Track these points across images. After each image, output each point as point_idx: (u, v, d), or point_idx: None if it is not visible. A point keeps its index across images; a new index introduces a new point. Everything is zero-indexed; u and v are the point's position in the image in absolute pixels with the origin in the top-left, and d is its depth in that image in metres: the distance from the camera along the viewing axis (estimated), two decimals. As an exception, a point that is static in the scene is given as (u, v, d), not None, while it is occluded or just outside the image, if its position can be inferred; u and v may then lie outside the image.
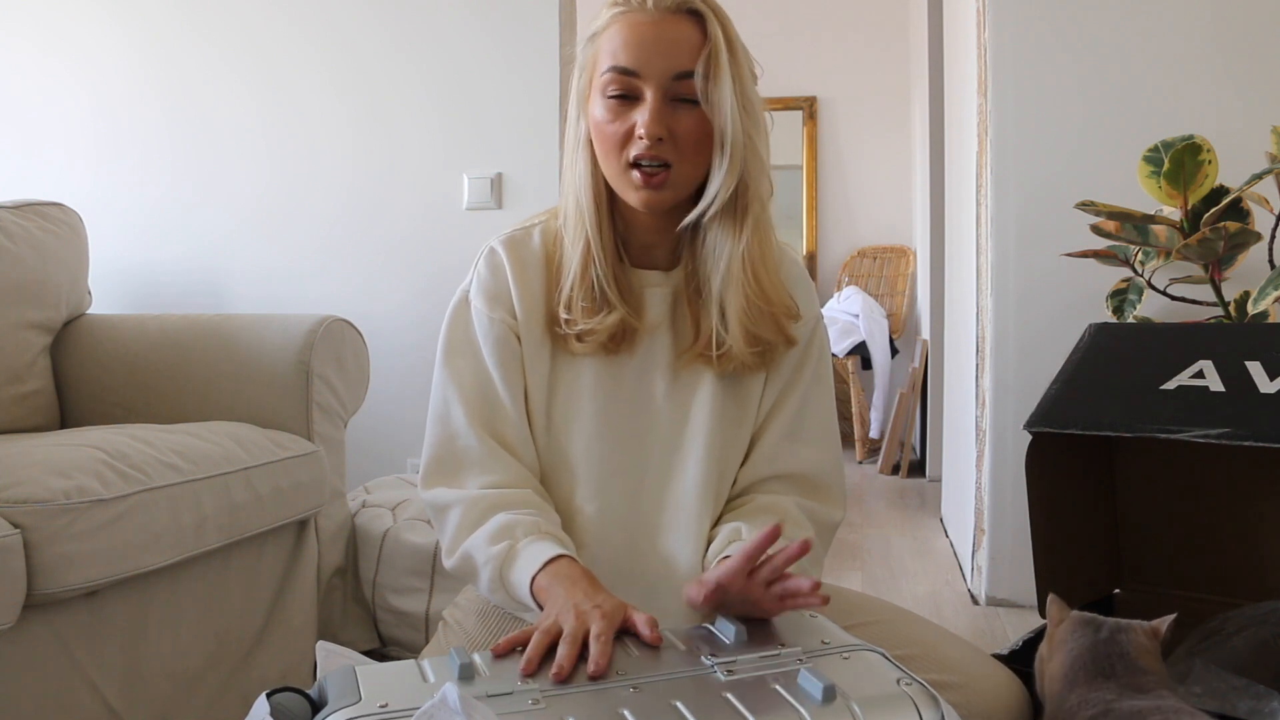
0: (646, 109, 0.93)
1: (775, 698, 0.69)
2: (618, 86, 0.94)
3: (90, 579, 1.21)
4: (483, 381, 1.00)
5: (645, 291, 1.02)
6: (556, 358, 1.02)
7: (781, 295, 1.01)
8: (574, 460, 1.01)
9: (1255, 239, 1.60)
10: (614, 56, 0.94)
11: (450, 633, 1.07)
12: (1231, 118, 1.91)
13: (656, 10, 0.93)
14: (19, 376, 1.72)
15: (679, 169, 0.95)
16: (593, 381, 1.01)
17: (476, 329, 1.01)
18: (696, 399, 1.02)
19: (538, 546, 0.91)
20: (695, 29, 0.94)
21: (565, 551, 0.90)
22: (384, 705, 0.67)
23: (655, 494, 1.02)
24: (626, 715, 0.67)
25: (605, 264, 0.98)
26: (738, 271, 0.97)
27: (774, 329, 1.00)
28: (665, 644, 0.79)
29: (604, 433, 1.01)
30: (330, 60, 2.47)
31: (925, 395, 3.74)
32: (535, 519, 0.94)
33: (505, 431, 1.00)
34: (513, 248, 1.03)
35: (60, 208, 1.89)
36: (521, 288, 1.01)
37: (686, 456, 1.02)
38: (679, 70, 0.93)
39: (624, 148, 0.95)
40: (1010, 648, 1.19)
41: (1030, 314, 2.06)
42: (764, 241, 0.99)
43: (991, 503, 2.10)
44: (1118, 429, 1.15)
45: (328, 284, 2.47)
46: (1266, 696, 1.07)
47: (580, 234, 0.99)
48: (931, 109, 3.49)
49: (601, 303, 0.98)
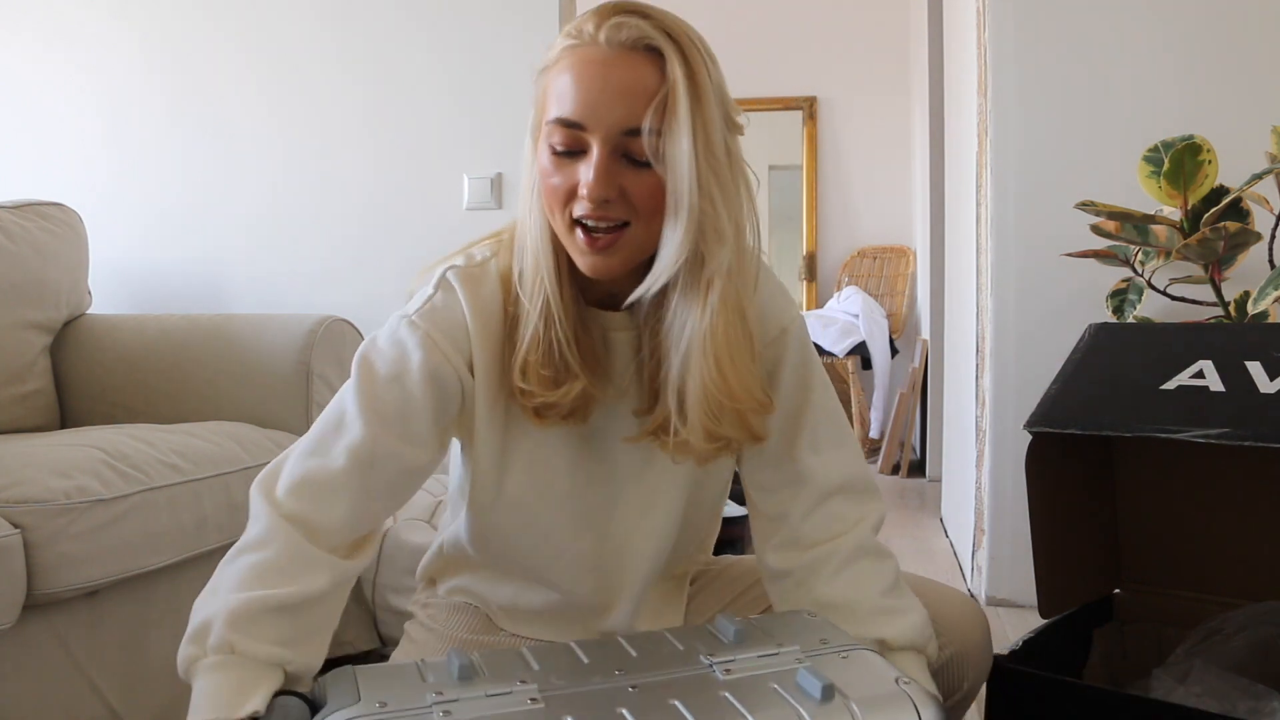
0: (591, 166, 0.79)
1: (774, 697, 0.69)
2: (561, 140, 0.80)
3: (90, 579, 1.21)
4: (405, 412, 0.85)
5: (610, 338, 0.91)
6: (511, 423, 0.91)
7: (750, 388, 0.85)
8: (537, 522, 0.95)
9: (1255, 239, 1.60)
10: (559, 103, 0.80)
11: (418, 632, 1.06)
12: (1231, 118, 1.90)
13: (609, 46, 0.78)
14: (19, 376, 1.72)
15: (636, 230, 0.81)
16: (555, 450, 0.92)
17: (423, 363, 0.85)
18: (664, 464, 0.93)
19: (211, 681, 0.73)
20: (652, 71, 0.78)
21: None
22: (383, 705, 0.67)
23: (616, 548, 0.97)
24: (625, 714, 0.67)
25: (566, 324, 0.85)
26: (698, 357, 0.82)
27: (738, 427, 0.86)
28: (664, 643, 0.79)
29: (568, 497, 0.94)
30: (332, 61, 2.46)
31: (925, 395, 3.74)
32: (252, 616, 0.75)
33: (387, 474, 0.86)
34: (472, 290, 0.88)
35: (60, 208, 1.89)
36: (481, 337, 0.87)
37: (654, 518, 0.96)
38: (628, 126, 0.78)
39: (566, 204, 0.81)
40: (1010, 648, 1.19)
41: (1030, 314, 2.06)
42: (730, 324, 0.82)
43: (991, 503, 2.10)
44: (1118, 429, 1.15)
45: (327, 284, 2.47)
46: (1266, 696, 1.07)
47: (539, 289, 0.85)
48: (931, 109, 3.49)
49: (563, 373, 0.86)
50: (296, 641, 0.77)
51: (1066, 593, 1.31)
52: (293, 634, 0.77)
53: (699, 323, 0.82)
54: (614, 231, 0.81)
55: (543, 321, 0.85)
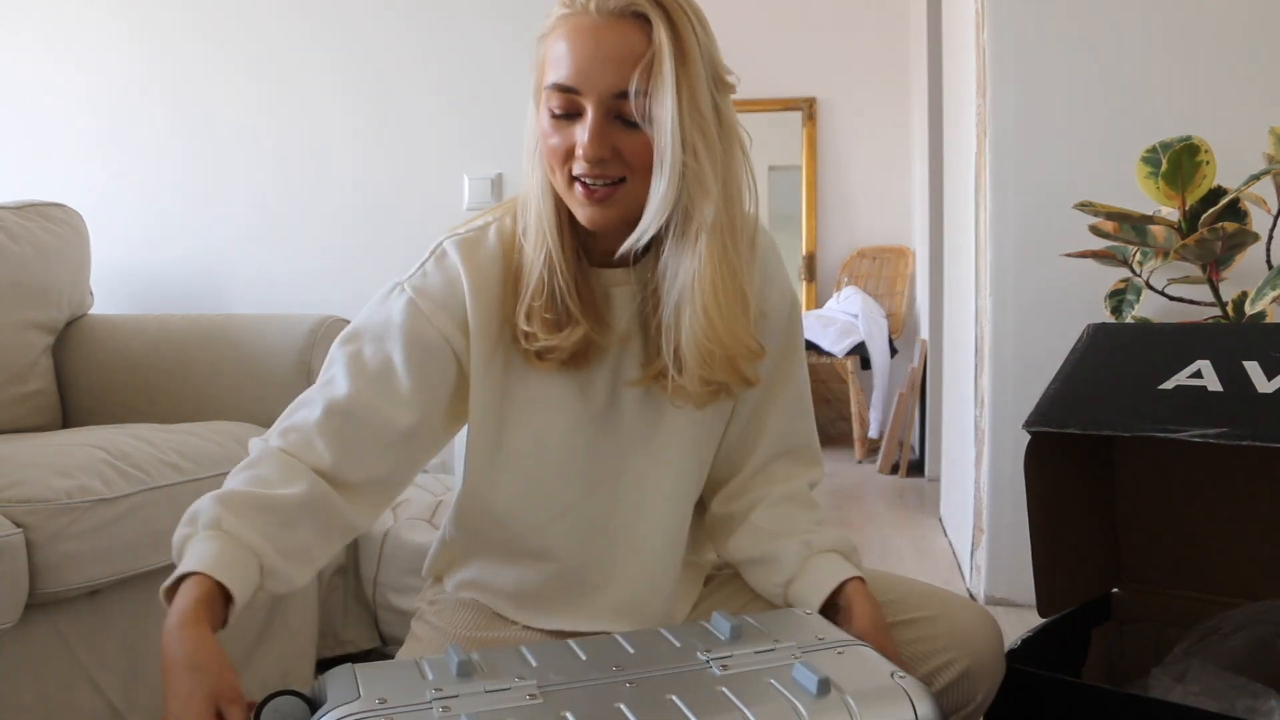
0: (586, 128, 0.84)
1: (770, 691, 0.70)
2: (558, 104, 0.86)
3: (92, 578, 1.22)
4: (386, 372, 0.91)
5: (612, 293, 0.95)
6: (511, 372, 0.95)
7: (741, 336, 0.90)
8: (541, 477, 0.97)
9: (1253, 239, 1.61)
10: (555, 69, 0.85)
11: (424, 630, 1.06)
12: (1230, 118, 1.91)
13: (599, 14, 0.83)
14: (21, 376, 1.73)
15: (632, 185, 0.86)
16: (558, 398, 0.95)
17: (406, 325, 0.92)
18: (668, 411, 0.97)
19: (198, 549, 0.80)
20: (640, 36, 0.83)
21: (204, 571, 0.78)
22: (382, 701, 0.68)
23: (630, 508, 0.99)
24: (623, 709, 0.67)
25: (567, 273, 0.90)
26: (688, 306, 0.88)
27: (730, 372, 0.91)
28: (660, 639, 0.79)
29: (573, 451, 0.96)
30: (332, 61, 2.47)
31: (924, 395, 3.74)
32: (240, 503, 0.83)
33: (367, 430, 0.90)
34: (468, 251, 0.94)
35: (62, 208, 1.90)
36: (477, 297, 0.92)
37: (662, 467, 0.98)
38: (618, 89, 0.83)
39: (564, 163, 0.87)
40: (1010, 647, 1.19)
41: (1029, 314, 2.06)
42: (718, 274, 0.87)
43: (991, 502, 2.11)
44: (1116, 429, 1.15)
45: (328, 284, 2.47)
46: (1264, 695, 1.07)
47: (541, 242, 0.91)
48: (931, 109, 3.50)
49: (564, 317, 0.90)
50: (279, 541, 0.83)
51: (1065, 592, 1.32)
52: (276, 533, 0.83)
53: (688, 273, 0.87)
54: (611, 186, 0.86)
55: (546, 269, 0.90)
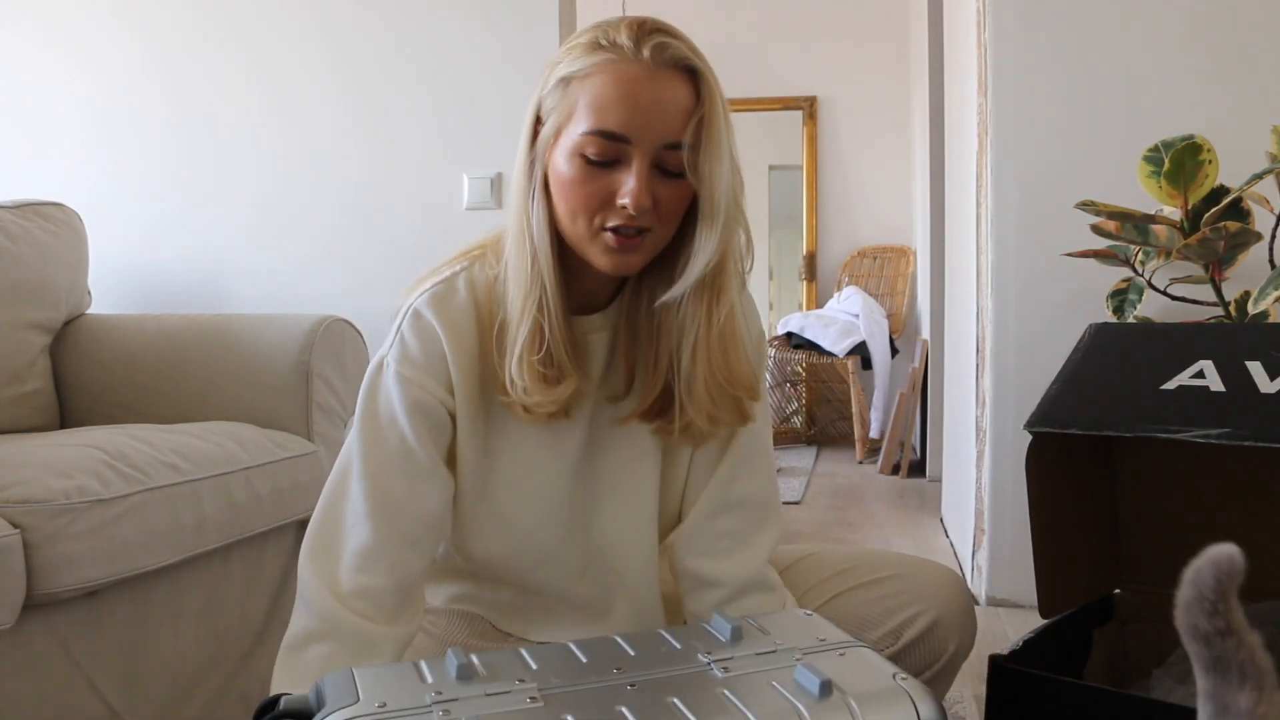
0: (633, 178, 0.83)
1: (772, 694, 0.69)
2: (598, 151, 0.83)
3: (90, 579, 1.21)
4: (406, 452, 0.90)
5: (589, 340, 0.95)
6: (491, 424, 0.94)
7: (746, 375, 0.93)
8: (522, 529, 0.97)
9: (1255, 239, 1.60)
10: (600, 116, 0.82)
11: (420, 639, 1.04)
12: (1231, 118, 1.90)
13: (653, 64, 0.82)
14: (19, 376, 1.72)
15: (656, 234, 0.87)
16: (537, 448, 0.95)
17: (403, 399, 0.90)
18: (643, 453, 0.98)
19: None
20: (689, 90, 0.83)
21: None
22: (382, 705, 0.67)
23: (603, 551, 1.00)
24: (624, 712, 0.67)
25: (559, 322, 0.88)
26: (704, 349, 0.89)
27: (733, 411, 0.93)
28: (661, 641, 0.79)
29: (553, 502, 0.97)
30: (331, 60, 2.47)
31: (925, 395, 3.74)
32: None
33: (410, 518, 0.91)
34: (440, 307, 0.90)
35: (60, 208, 1.89)
36: (457, 354, 0.90)
37: (631, 510, 1.00)
38: (670, 140, 0.83)
39: (598, 212, 0.85)
40: (1011, 648, 1.19)
41: (1030, 314, 2.06)
42: (731, 319, 0.90)
43: (991, 503, 2.10)
44: (1118, 429, 1.15)
45: (328, 284, 2.47)
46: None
47: (535, 289, 0.87)
48: (931, 109, 3.49)
49: (557, 373, 0.89)
50: None
51: (1066, 593, 1.31)
52: None
53: (714, 318, 0.89)
54: (640, 235, 0.86)
55: (544, 320, 0.87)
